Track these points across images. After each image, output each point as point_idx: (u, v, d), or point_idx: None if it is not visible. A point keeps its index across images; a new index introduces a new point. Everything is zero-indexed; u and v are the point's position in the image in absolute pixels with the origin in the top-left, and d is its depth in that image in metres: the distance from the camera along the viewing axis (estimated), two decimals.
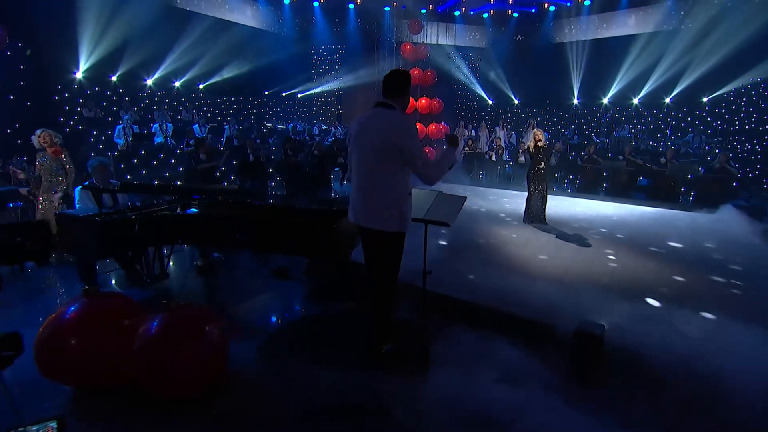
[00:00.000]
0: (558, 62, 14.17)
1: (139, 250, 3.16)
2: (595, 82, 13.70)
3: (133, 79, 10.34)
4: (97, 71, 9.48)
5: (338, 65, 15.74)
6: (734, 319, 3.27)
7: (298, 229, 3.08)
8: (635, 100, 13.48)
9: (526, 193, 6.54)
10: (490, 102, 16.22)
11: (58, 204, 4.37)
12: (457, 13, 14.92)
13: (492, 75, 15.49)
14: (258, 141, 9.51)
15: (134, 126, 8.63)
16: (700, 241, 5.82)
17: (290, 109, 15.77)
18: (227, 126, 10.53)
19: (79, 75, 9.31)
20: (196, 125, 9.72)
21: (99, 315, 2.24)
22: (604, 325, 2.81)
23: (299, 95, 15.75)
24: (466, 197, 3.00)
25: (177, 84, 11.50)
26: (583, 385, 2.53)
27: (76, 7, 8.56)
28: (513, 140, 13.20)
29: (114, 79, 9.99)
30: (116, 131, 8.36)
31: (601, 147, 11.53)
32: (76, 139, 8.91)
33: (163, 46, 10.20)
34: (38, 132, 4.38)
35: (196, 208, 3.72)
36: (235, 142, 9.45)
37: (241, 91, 13.61)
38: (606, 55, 13.31)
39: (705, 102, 12.34)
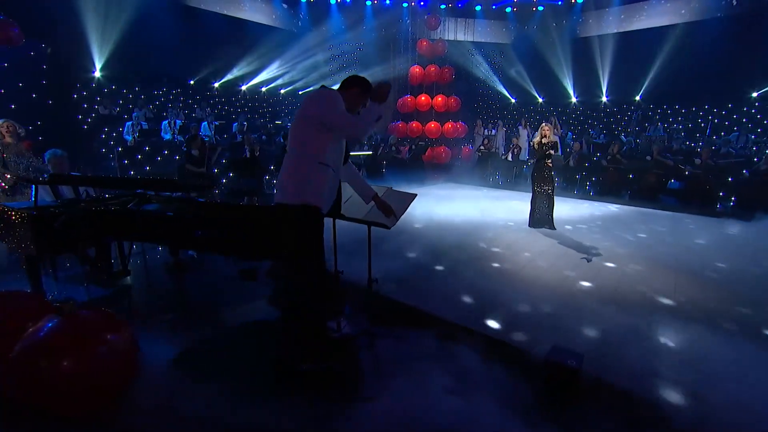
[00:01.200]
0: (585, 57, 13.32)
1: (74, 245, 3.00)
2: (626, 78, 12.75)
3: (149, 77, 10.58)
4: (114, 70, 9.75)
5: (356, 63, 15.57)
6: None
7: (241, 228, 2.84)
8: (671, 96, 12.42)
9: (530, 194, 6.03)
10: (513, 100, 15.53)
11: None
12: (478, 8, 14.37)
13: (514, 72, 14.80)
14: (263, 138, 9.46)
15: (143, 123, 8.77)
16: (740, 254, 5.05)
17: None
18: (235, 123, 10.56)
19: (97, 74, 9.61)
20: (205, 123, 9.79)
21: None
22: (582, 355, 2.36)
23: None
24: (416, 194, 2.65)
25: (192, 82, 11.69)
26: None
27: (92, 6, 8.81)
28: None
29: (130, 77, 10.25)
30: (125, 128, 8.53)
31: (630, 147, 10.66)
32: (89, 135, 9.22)
33: (178, 44, 10.36)
34: (1, 121, 4.28)
35: (157, 204, 3.56)
36: (239, 138, 9.42)
37: (255, 89, 13.71)
38: (637, 48, 12.35)
39: (754, 98, 11.15)
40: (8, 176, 3.91)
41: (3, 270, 3.85)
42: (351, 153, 2.66)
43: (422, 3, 13.86)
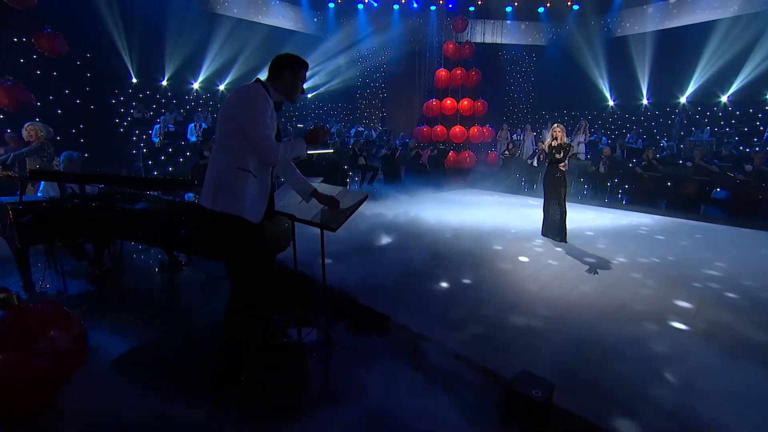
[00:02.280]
0: (623, 57, 12.51)
1: (49, 239, 3.10)
2: (669, 79, 11.82)
3: (180, 82, 11.10)
4: (148, 76, 10.32)
5: (383, 67, 15.59)
6: None
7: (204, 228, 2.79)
8: (723, 98, 11.35)
9: (543, 200, 5.62)
10: (546, 104, 14.87)
11: None
12: (509, 9, 13.93)
13: (547, 74, 14.18)
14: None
15: (170, 125, 9.18)
16: None
17: (333, 111, 15.93)
18: None
19: (133, 80, 10.21)
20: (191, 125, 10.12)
21: None
22: (552, 385, 2.08)
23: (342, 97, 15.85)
24: (366, 195, 2.47)
25: (221, 87, 12.15)
26: None
27: (129, 17, 9.39)
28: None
29: (164, 83, 10.80)
30: (154, 130, 8.96)
31: (670, 152, 9.81)
32: (123, 137, 9.79)
33: (206, 50, 10.82)
34: (27, 124, 4.54)
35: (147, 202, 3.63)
36: None
37: None
38: (682, 45, 11.41)
39: None
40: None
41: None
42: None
43: (450, 5, 13.65)
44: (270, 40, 12.32)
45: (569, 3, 13.56)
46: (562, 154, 5.27)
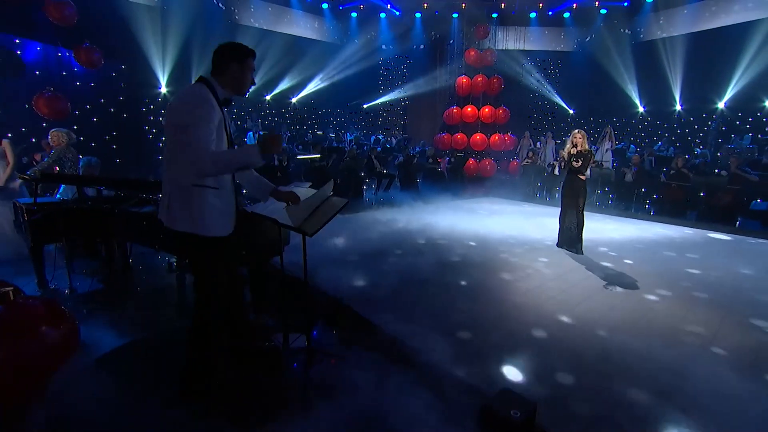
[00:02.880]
0: (653, 62, 11.98)
1: (57, 238, 3.25)
2: (704, 83, 11.20)
3: None
4: (176, 85, 10.81)
5: (405, 75, 15.65)
6: None
7: None
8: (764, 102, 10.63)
9: (560, 210, 5.38)
10: (571, 111, 14.43)
11: None
12: (533, 14, 13.67)
13: (572, 80, 13.77)
14: (299, 147, 9.78)
15: None
16: None
17: (355, 120, 16.10)
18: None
19: (162, 89, 10.72)
20: (251, 132, 10.40)
21: None
22: (534, 404, 1.96)
23: (364, 105, 15.99)
24: (347, 201, 2.43)
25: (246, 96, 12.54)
26: None
27: (158, 30, 9.89)
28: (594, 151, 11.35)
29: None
30: None
31: (704, 161, 9.25)
32: (152, 144, 10.27)
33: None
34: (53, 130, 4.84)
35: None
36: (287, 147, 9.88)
37: (305, 101, 14.34)
38: (719, 48, 10.79)
39: None
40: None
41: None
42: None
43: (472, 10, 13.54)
44: (293, 49, 12.65)
45: (597, 5, 13.16)
46: (581, 162, 5.04)
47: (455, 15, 13.86)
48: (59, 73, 9.15)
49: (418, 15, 14.28)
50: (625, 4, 12.67)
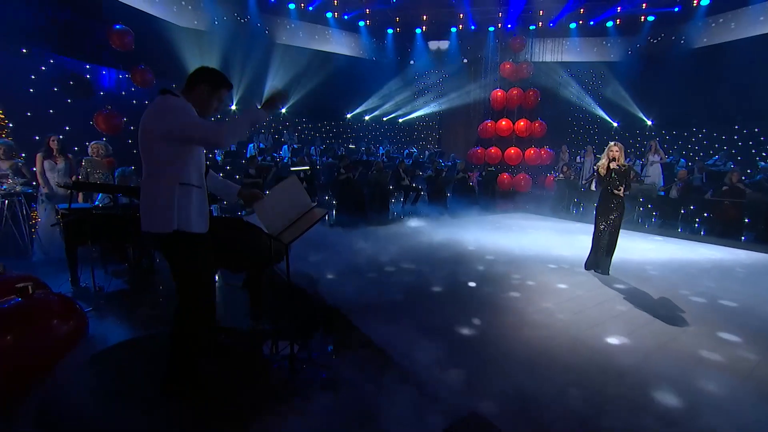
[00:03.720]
0: (710, 70, 11.10)
1: (84, 241, 3.55)
2: None
3: (246, 106, 12.26)
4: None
5: (441, 89, 15.69)
6: None
7: None
8: None
9: (594, 229, 4.89)
10: (615, 124, 13.69)
11: None
12: (572, 25, 13.27)
13: (615, 92, 13.10)
14: (329, 160, 10.04)
15: (232, 146, 10.14)
16: None
17: (390, 134, 16.30)
18: (312, 147, 11.47)
19: None
20: (285, 146, 10.86)
21: None
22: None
23: (400, 120, 16.16)
24: (326, 212, 2.43)
25: (283, 110, 13.16)
26: None
27: (205, 49, 10.69)
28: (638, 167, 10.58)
29: (233, 107, 12.02)
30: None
31: (765, 176, 8.35)
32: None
33: (271, 76, 11.85)
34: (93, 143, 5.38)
35: None
36: (317, 160, 10.21)
37: (335, 116, 14.77)
38: None
39: None
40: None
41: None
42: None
43: (510, 26, 13.38)
44: (329, 65, 13.14)
45: (643, 16, 12.53)
46: (620, 180, 4.64)
47: (491, 29, 13.76)
48: (119, 93, 10.12)
49: (453, 29, 14.35)
50: (677, 9, 11.94)
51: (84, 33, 8.54)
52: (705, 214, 7.87)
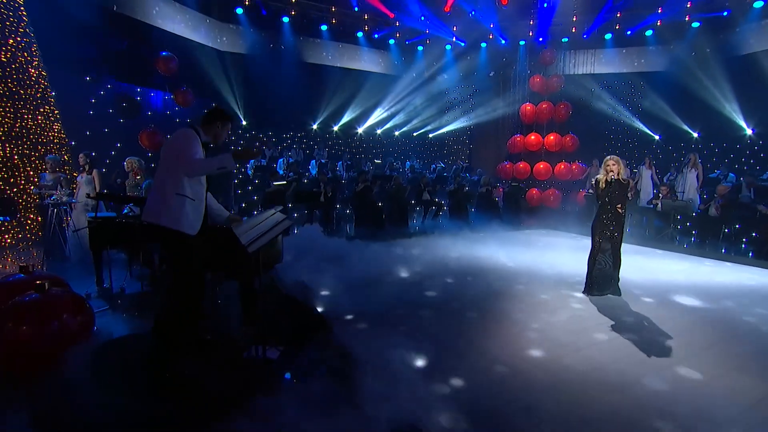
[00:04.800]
0: (762, 77, 10.26)
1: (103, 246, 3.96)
2: None
3: (279, 122, 12.95)
4: (253, 117, 12.36)
5: (471, 104, 15.67)
6: None
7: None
8: None
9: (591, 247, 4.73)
10: (656, 137, 12.95)
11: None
12: (608, 36, 12.81)
13: (655, 103, 12.42)
14: (353, 174, 10.32)
15: (263, 160, 10.73)
16: None
17: (420, 149, 16.44)
18: (340, 162, 11.84)
19: (243, 122, 12.31)
20: (313, 161, 11.30)
21: None
22: None
23: (431, 135, 16.27)
24: (291, 222, 2.58)
25: (314, 126, 13.74)
26: None
27: (238, 71, 11.49)
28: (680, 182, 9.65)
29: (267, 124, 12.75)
30: (250, 163, 10.58)
31: None
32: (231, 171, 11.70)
33: (301, 94, 12.47)
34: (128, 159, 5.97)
35: None
36: (343, 175, 10.57)
37: (371, 131, 15.13)
38: None
39: None
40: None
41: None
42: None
43: (541, 39, 13.19)
44: (359, 83, 13.58)
45: (688, 19, 11.83)
46: (620, 195, 4.48)
47: (522, 42, 13.62)
48: (164, 112, 11.09)
49: (483, 45, 14.35)
50: (725, 13, 11.20)
51: (136, 60, 9.51)
52: (754, 234, 7.21)
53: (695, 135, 12.15)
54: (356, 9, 12.32)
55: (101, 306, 3.82)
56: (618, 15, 12.39)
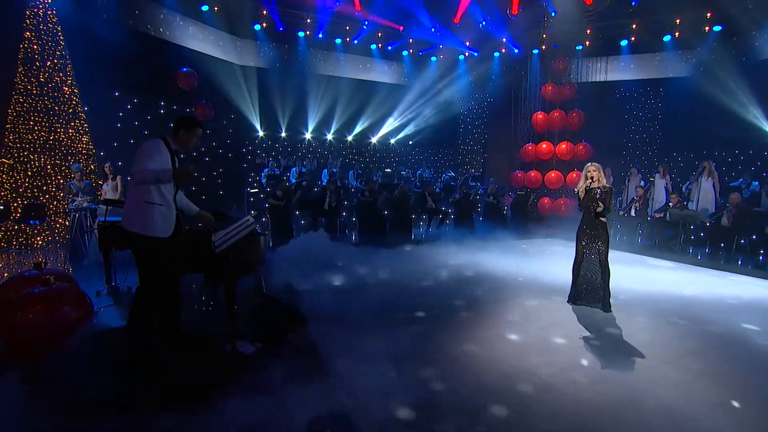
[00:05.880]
0: None
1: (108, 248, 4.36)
2: None
3: (295, 133, 13.43)
4: (271, 130, 12.88)
5: (485, 113, 15.71)
6: None
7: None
8: None
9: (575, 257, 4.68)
10: (675, 144, 12.54)
11: None
12: (623, 42, 12.62)
13: (674, 110, 12.08)
14: (362, 183, 10.58)
15: (276, 169, 11.19)
16: None
17: (433, 157, 16.54)
18: (352, 171, 12.15)
19: (260, 133, 12.86)
20: (325, 170, 11.67)
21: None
22: None
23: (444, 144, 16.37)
24: (254, 222, 2.82)
25: (329, 136, 14.15)
26: None
27: (255, 86, 12.06)
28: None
29: (282, 134, 13.25)
30: (263, 172, 11.05)
31: None
32: (242, 176, 12.21)
33: (316, 105, 12.93)
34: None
35: None
36: (353, 183, 10.82)
37: (384, 141, 15.39)
38: None
39: None
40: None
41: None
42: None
43: (555, 45, 13.15)
44: (372, 93, 13.93)
45: (707, 26, 11.52)
46: (603, 205, 4.47)
47: (535, 51, 13.60)
48: None
49: (496, 54, 14.42)
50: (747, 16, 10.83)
51: (160, 76, 10.21)
52: None
53: (716, 141, 11.70)
54: (365, 25, 12.71)
55: (107, 302, 4.19)
56: (634, 23, 12.23)
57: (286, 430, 2.23)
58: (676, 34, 11.92)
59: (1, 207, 5.84)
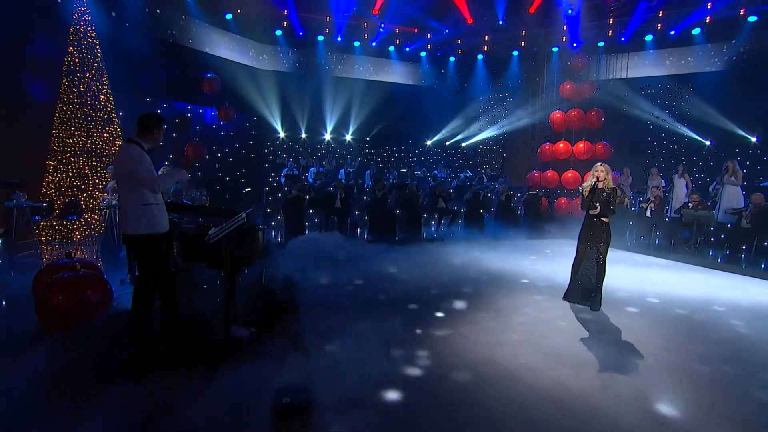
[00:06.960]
0: None
1: None
2: None
3: (315, 134, 13.88)
4: (290, 131, 13.38)
5: (504, 112, 15.60)
6: None
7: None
8: None
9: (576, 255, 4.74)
10: (707, 143, 12.00)
11: None
12: (648, 37, 12.21)
13: (704, 107, 11.55)
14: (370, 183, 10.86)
15: (294, 170, 11.65)
16: None
17: (452, 158, 16.59)
18: (368, 171, 12.45)
19: (281, 134, 13.39)
20: (342, 170, 12.03)
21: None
22: None
23: (463, 144, 16.38)
24: (244, 215, 3.12)
25: (348, 137, 14.51)
26: None
27: (273, 89, 12.57)
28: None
29: (302, 135, 13.74)
30: (283, 172, 11.54)
31: None
32: (264, 176, 12.75)
33: (335, 107, 13.31)
34: None
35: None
36: (368, 183, 11.13)
37: (403, 141, 15.60)
38: None
39: None
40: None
41: None
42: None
43: (575, 44, 12.90)
44: (390, 94, 14.16)
45: (742, 13, 10.92)
46: (606, 202, 4.49)
47: (555, 49, 13.39)
48: (211, 126, 12.46)
49: (515, 53, 14.30)
50: None
51: (187, 81, 10.89)
52: None
53: (754, 140, 11.12)
54: (382, 28, 12.94)
55: (128, 289, 4.65)
56: (660, 17, 11.81)
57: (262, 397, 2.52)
58: (707, 18, 11.30)
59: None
